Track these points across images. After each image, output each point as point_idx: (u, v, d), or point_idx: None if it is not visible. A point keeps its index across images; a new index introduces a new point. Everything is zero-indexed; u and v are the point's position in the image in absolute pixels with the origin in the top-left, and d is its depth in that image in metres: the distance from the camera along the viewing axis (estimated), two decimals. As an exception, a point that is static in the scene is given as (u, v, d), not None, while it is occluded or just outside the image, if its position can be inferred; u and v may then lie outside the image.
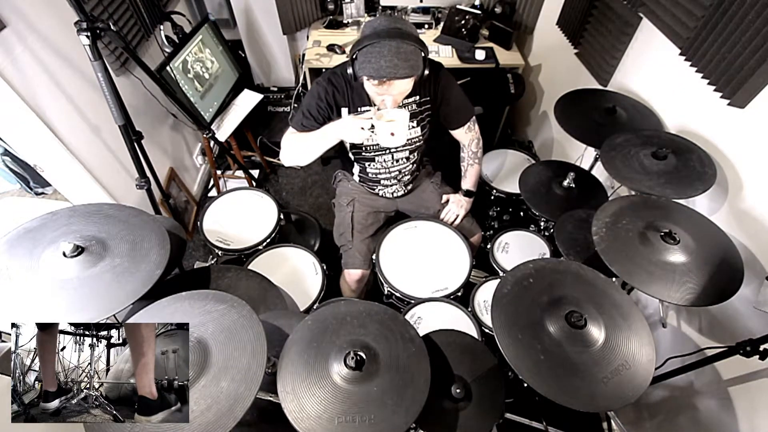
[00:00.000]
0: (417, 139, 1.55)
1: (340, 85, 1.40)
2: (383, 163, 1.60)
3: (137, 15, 1.94)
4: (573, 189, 1.62)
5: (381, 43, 1.14)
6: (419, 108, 1.48)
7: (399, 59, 1.15)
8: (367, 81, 1.25)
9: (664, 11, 1.50)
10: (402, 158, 1.60)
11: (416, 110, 1.48)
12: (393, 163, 1.60)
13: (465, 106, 1.56)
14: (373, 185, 1.70)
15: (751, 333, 1.15)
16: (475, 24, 2.46)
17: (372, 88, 1.26)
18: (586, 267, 1.08)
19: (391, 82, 1.21)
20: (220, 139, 2.12)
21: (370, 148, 1.55)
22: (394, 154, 1.57)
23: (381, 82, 1.20)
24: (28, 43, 1.42)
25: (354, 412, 0.86)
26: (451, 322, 1.41)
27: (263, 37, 2.88)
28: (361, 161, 1.62)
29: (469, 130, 1.62)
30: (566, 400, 0.88)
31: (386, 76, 1.17)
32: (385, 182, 1.67)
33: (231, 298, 0.93)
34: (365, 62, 1.17)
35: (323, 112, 1.42)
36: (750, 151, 1.24)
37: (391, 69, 1.16)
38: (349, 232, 1.66)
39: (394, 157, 1.58)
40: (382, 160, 1.59)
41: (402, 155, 1.59)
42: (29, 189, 2.37)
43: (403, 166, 1.63)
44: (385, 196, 1.73)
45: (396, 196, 1.73)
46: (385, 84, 1.21)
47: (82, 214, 1.08)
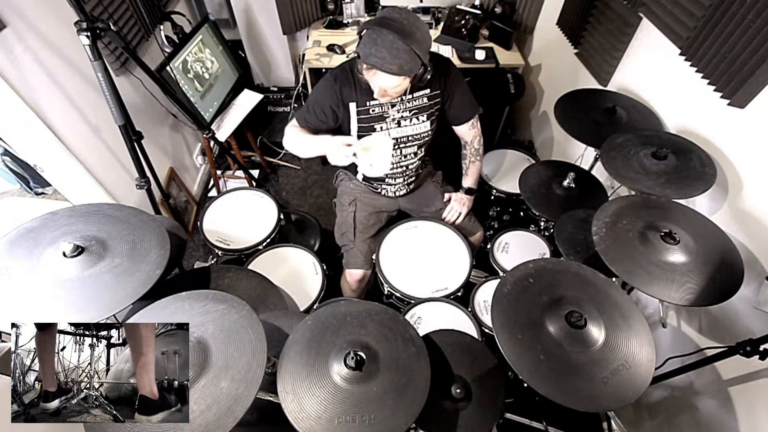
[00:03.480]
0: (426, 134, 1.56)
1: (349, 80, 1.41)
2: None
3: (137, 15, 1.94)
4: (573, 189, 1.62)
5: (381, 31, 1.15)
6: (429, 102, 1.49)
7: (388, 53, 1.16)
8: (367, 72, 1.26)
9: (664, 11, 1.50)
10: (410, 153, 1.60)
11: (426, 104, 1.49)
12: (401, 158, 1.59)
13: (471, 102, 1.57)
14: (377, 184, 1.70)
15: (751, 333, 1.15)
16: (475, 24, 2.46)
17: (375, 84, 1.28)
18: (586, 267, 1.08)
19: (376, 72, 1.22)
20: (220, 139, 2.12)
21: None
22: (403, 149, 1.57)
23: (368, 68, 1.23)
24: (28, 43, 1.42)
25: (354, 412, 0.86)
26: (451, 322, 1.40)
27: (263, 37, 2.88)
28: None
29: (472, 126, 1.62)
30: (566, 400, 0.88)
31: (371, 63, 1.19)
32: (390, 180, 1.67)
33: (231, 298, 0.93)
34: (362, 43, 1.20)
35: (326, 111, 1.43)
36: (750, 151, 1.24)
37: (377, 59, 1.17)
38: (351, 231, 1.66)
39: (402, 153, 1.58)
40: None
41: (410, 150, 1.58)
42: (29, 189, 2.37)
43: (410, 162, 1.63)
44: (387, 195, 1.73)
45: (398, 195, 1.73)
46: (372, 71, 1.23)
47: (82, 214, 1.08)
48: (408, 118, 1.48)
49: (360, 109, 1.43)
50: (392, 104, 1.44)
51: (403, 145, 1.56)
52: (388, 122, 1.47)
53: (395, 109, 1.45)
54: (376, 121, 1.46)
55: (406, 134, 1.52)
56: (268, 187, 2.74)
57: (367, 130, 1.48)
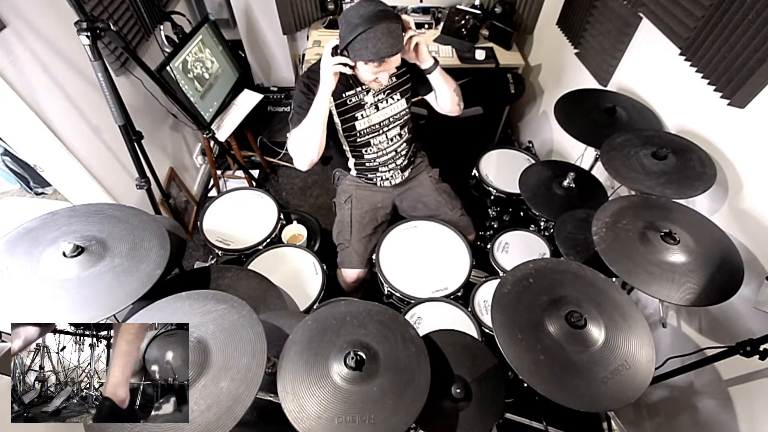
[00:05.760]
0: (404, 112, 1.59)
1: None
2: (378, 146, 1.62)
3: (137, 15, 1.94)
4: (573, 189, 1.62)
5: (374, 27, 1.20)
6: (399, 80, 1.52)
7: (392, 38, 1.23)
8: (365, 65, 1.30)
9: (664, 11, 1.50)
10: (395, 135, 1.63)
11: (396, 82, 1.52)
12: (388, 143, 1.62)
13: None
14: (372, 175, 1.71)
15: (751, 333, 1.15)
16: (475, 24, 2.46)
17: (368, 70, 1.31)
18: (586, 267, 1.08)
19: (388, 60, 1.29)
20: (220, 139, 2.12)
21: (363, 132, 1.57)
22: (387, 132, 1.60)
23: (380, 63, 1.28)
24: (28, 43, 1.41)
25: (354, 412, 0.86)
26: (451, 322, 1.40)
27: (263, 37, 2.88)
28: (356, 149, 1.63)
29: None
30: (566, 400, 0.88)
31: (385, 55, 1.25)
32: (382, 168, 1.68)
33: (231, 298, 0.93)
34: (362, 48, 1.23)
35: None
36: (750, 151, 1.24)
37: (388, 49, 1.24)
38: (348, 230, 1.67)
39: (387, 137, 1.61)
40: (377, 142, 1.61)
41: (394, 132, 1.62)
42: (29, 189, 2.37)
43: (397, 145, 1.65)
44: (383, 186, 1.73)
45: (394, 184, 1.74)
46: (384, 63, 1.29)
47: (82, 214, 1.08)
48: (384, 100, 1.53)
49: (338, 102, 1.47)
50: (366, 90, 1.47)
51: (386, 128, 1.59)
52: (366, 108, 1.51)
53: (371, 94, 1.49)
54: (356, 110, 1.50)
55: (387, 116, 1.56)
56: (268, 187, 2.74)
57: (349, 120, 1.52)
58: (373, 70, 1.31)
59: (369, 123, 1.55)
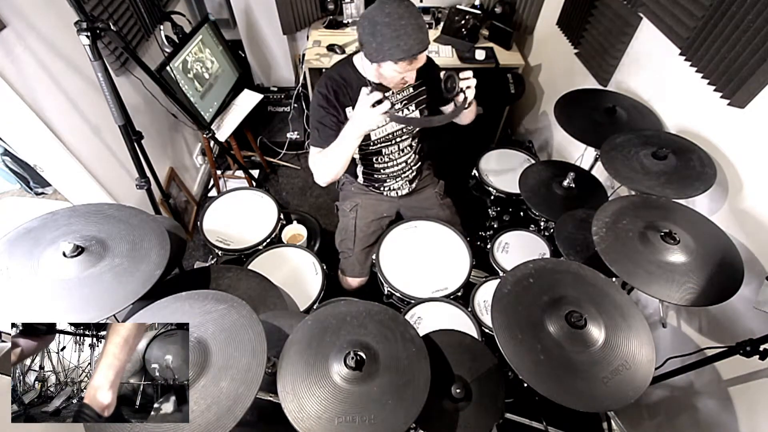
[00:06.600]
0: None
1: (340, 86, 1.40)
2: (390, 155, 1.61)
3: (137, 15, 1.94)
4: (573, 189, 1.61)
5: (403, 24, 1.17)
6: (415, 91, 1.52)
7: (422, 33, 1.21)
8: (394, 64, 1.24)
9: (664, 11, 1.50)
10: (406, 146, 1.61)
11: (413, 93, 1.51)
12: (399, 153, 1.61)
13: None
14: (379, 184, 1.70)
15: (751, 333, 1.15)
16: (475, 24, 2.45)
17: (396, 69, 1.26)
18: (586, 267, 1.08)
19: (418, 57, 1.26)
20: (220, 139, 2.12)
21: (377, 141, 1.55)
22: (400, 143, 1.59)
23: (411, 61, 1.24)
24: (28, 43, 1.41)
25: (354, 412, 0.86)
26: (451, 322, 1.40)
27: (263, 37, 2.88)
28: (367, 158, 1.62)
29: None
30: (566, 400, 0.87)
31: (417, 52, 1.22)
32: (391, 179, 1.67)
33: (231, 298, 0.93)
34: (393, 47, 1.19)
35: (335, 118, 1.41)
36: (750, 151, 1.24)
37: (420, 44, 1.21)
38: (351, 239, 1.67)
39: (399, 147, 1.59)
40: (388, 152, 1.60)
41: (406, 143, 1.60)
42: (29, 189, 2.37)
43: (408, 156, 1.64)
44: (389, 195, 1.73)
45: (400, 195, 1.73)
46: (414, 61, 1.26)
47: (82, 214, 1.08)
48: (400, 110, 1.51)
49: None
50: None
51: (399, 139, 1.57)
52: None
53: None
54: None
55: (401, 126, 1.54)
56: (268, 187, 2.74)
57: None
58: (403, 68, 1.27)
59: (384, 132, 1.54)
